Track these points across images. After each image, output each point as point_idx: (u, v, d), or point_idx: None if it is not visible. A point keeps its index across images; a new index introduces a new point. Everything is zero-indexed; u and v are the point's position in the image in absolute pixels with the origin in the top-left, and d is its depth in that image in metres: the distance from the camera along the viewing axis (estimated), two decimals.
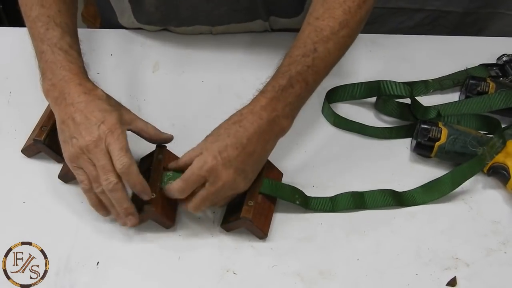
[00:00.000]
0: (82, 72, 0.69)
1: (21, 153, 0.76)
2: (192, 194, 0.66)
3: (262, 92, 0.68)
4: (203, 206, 0.66)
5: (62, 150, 0.67)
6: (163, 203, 0.67)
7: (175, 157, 0.72)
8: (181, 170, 0.66)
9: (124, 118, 0.67)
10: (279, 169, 0.75)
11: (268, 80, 0.69)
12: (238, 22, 0.92)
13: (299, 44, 0.69)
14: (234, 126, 0.66)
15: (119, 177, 0.63)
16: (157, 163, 0.69)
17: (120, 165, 0.63)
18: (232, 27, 0.93)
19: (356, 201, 0.73)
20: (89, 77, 0.70)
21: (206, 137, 0.67)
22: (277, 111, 0.66)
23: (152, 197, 0.65)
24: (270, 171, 0.73)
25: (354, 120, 0.83)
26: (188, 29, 0.94)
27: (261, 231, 0.68)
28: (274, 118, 0.66)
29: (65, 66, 0.68)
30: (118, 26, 0.97)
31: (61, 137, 0.67)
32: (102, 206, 0.67)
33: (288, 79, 0.67)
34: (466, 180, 0.74)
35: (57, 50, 0.69)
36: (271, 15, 0.91)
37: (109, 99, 0.68)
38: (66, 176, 0.73)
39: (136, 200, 0.66)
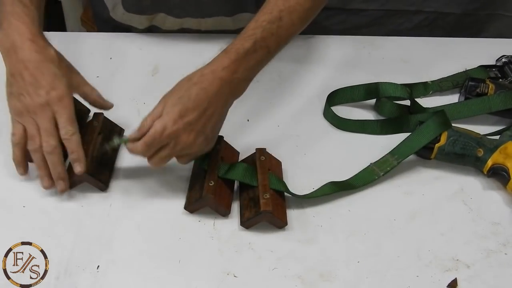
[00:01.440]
0: (37, 26, 0.70)
1: None
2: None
3: (225, 52, 0.69)
4: (163, 163, 0.69)
5: (7, 101, 0.70)
6: (221, 191, 0.70)
7: (231, 148, 0.77)
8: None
9: (73, 83, 0.71)
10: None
11: (233, 40, 0.71)
12: (226, 15, 0.92)
13: (266, 10, 0.72)
14: (195, 87, 0.67)
15: (59, 142, 0.68)
16: (215, 153, 0.72)
17: (65, 133, 0.68)
18: (219, 21, 0.93)
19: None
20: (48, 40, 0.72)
21: (165, 96, 0.68)
22: (238, 73, 0.68)
23: (211, 185, 0.69)
24: (272, 162, 0.75)
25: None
26: (176, 23, 0.94)
27: (281, 221, 0.69)
28: (233, 80, 0.68)
29: (21, 18, 0.69)
30: (110, 20, 0.97)
31: (8, 89, 0.70)
32: (24, 163, 0.72)
33: (253, 43, 0.69)
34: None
35: (16, 2, 0.70)
36: (258, 7, 0.91)
37: (60, 61, 0.70)
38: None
39: (194, 188, 0.71)
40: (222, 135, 0.75)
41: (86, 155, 0.71)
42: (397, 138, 0.80)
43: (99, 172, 0.73)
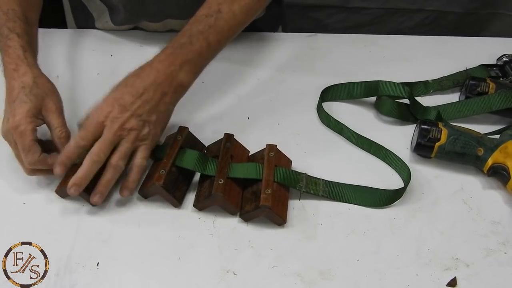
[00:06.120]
0: (18, 54, 0.72)
1: None
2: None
3: (162, 49, 0.71)
4: (107, 151, 0.67)
5: None
6: (230, 189, 0.70)
7: (242, 146, 0.76)
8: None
9: (43, 109, 0.70)
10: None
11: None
12: None
13: (205, 5, 0.72)
14: (132, 78, 0.70)
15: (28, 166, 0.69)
16: (225, 151, 0.73)
17: (27, 163, 0.69)
18: None
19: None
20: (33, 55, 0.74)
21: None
22: (175, 65, 0.69)
23: (220, 183, 0.69)
24: (281, 159, 0.75)
25: (353, 119, 0.83)
26: (159, 26, 0.93)
27: (280, 218, 0.69)
28: (171, 72, 0.69)
29: (5, 51, 0.72)
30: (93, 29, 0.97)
31: None
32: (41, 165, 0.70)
33: (188, 37, 0.70)
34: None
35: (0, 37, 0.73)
36: None
37: (34, 87, 0.70)
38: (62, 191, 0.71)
39: (203, 186, 0.71)
40: (232, 134, 0.76)
41: (165, 168, 0.70)
42: (398, 135, 0.80)
43: (175, 188, 0.71)
